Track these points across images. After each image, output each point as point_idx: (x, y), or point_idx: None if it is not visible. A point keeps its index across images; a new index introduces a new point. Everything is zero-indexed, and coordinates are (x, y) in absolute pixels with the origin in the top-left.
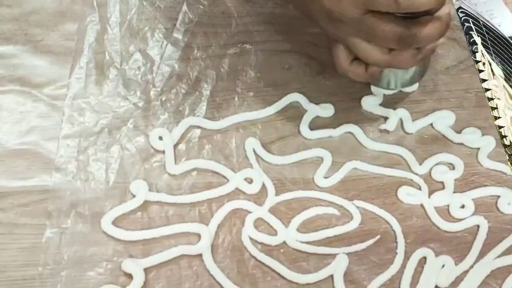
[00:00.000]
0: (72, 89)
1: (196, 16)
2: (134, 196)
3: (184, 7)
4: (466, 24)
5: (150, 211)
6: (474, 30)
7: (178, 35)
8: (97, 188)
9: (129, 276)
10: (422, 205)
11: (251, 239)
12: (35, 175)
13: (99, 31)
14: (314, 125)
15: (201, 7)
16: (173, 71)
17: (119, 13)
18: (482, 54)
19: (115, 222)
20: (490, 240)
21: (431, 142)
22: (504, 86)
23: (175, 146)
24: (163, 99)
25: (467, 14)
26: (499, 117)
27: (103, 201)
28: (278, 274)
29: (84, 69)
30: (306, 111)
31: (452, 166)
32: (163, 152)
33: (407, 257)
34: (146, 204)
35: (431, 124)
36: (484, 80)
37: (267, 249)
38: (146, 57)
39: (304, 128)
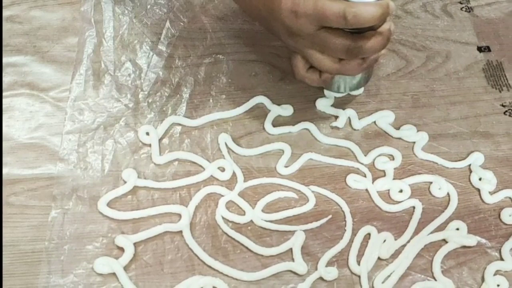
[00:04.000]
0: (73, 92)
1: (177, 31)
2: (125, 182)
3: (167, 24)
4: None
5: (138, 195)
6: None
7: (162, 47)
8: (94, 175)
9: (121, 249)
10: (367, 190)
11: (223, 218)
12: (42, 165)
13: (96, 43)
14: (276, 122)
15: (182, 23)
16: (158, 77)
17: (113, 29)
18: None
19: (109, 204)
20: (424, 219)
21: (374, 137)
22: None
23: (160, 140)
24: (150, 101)
25: None
26: None
27: (99, 186)
28: (246, 247)
29: (83, 75)
30: (270, 111)
31: (392, 157)
32: (150, 145)
33: (354, 233)
34: (135, 189)
35: (375, 122)
36: None
37: (237, 227)
38: (135, 65)
39: (268, 125)
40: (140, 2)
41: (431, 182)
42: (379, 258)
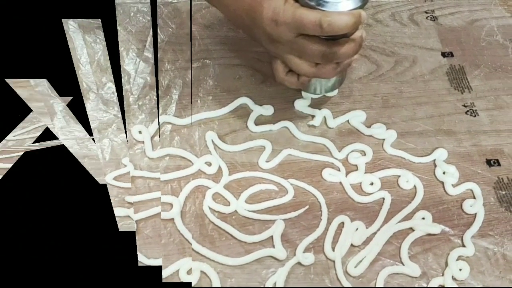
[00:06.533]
0: None
1: (166, 37)
2: (125, 166)
3: (151, 32)
4: None
5: (136, 183)
6: None
7: (148, 54)
8: (97, 162)
9: None
10: (340, 183)
11: (210, 208)
12: None
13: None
14: (258, 121)
15: (170, 29)
16: (146, 82)
17: (87, 55)
18: None
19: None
20: (392, 209)
21: (348, 135)
22: None
23: (152, 137)
24: (140, 103)
25: None
26: None
27: (104, 168)
28: (231, 235)
29: None
30: (252, 110)
31: (363, 153)
32: (143, 142)
33: (329, 222)
34: (133, 179)
35: (348, 121)
36: None
37: (222, 216)
38: (123, 71)
39: (250, 123)
40: (123, 10)
41: (399, 176)
42: (352, 245)
